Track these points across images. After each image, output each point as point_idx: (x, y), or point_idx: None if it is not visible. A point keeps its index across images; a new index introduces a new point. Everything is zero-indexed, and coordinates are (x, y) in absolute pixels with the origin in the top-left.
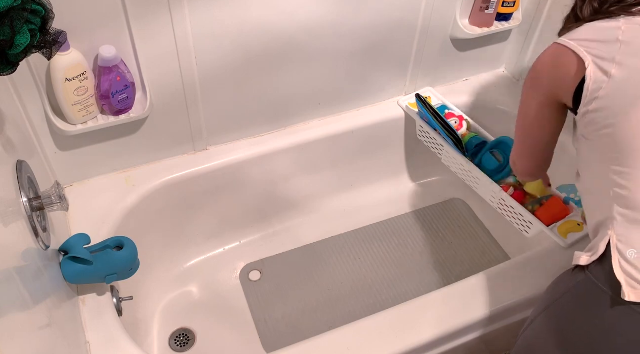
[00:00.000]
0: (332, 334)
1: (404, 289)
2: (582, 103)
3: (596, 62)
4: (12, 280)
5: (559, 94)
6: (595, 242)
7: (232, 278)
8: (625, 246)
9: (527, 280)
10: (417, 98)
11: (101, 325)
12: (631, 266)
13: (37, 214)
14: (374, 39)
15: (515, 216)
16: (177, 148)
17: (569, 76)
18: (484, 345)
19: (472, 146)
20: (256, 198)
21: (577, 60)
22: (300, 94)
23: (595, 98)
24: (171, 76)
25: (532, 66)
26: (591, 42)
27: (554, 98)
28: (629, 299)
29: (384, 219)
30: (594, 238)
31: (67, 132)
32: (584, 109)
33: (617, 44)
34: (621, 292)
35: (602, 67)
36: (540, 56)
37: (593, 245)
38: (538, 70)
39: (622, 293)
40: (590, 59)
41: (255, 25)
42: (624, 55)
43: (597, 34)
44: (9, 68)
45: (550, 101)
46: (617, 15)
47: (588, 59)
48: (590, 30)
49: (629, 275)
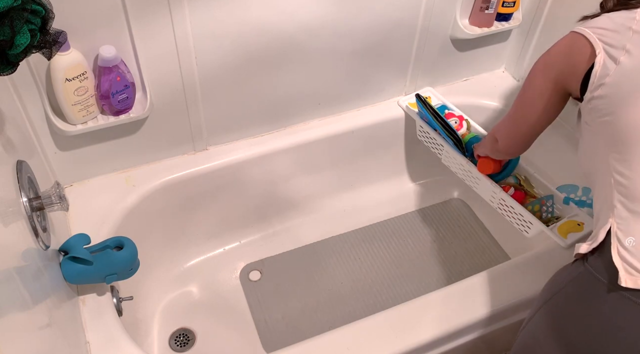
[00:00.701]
0: (332, 334)
1: (404, 289)
2: (589, 89)
3: (606, 50)
4: (12, 280)
5: (568, 80)
6: (597, 230)
7: (232, 278)
8: (624, 234)
9: (527, 280)
10: (417, 98)
11: (101, 325)
12: (629, 254)
13: (37, 214)
14: (373, 39)
15: (515, 216)
16: (177, 148)
17: (581, 62)
18: (484, 345)
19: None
20: (256, 198)
21: (590, 46)
22: (300, 94)
23: (602, 84)
24: (171, 76)
25: (545, 52)
26: (605, 31)
27: (561, 84)
28: (626, 285)
29: (384, 219)
30: (595, 225)
31: (67, 132)
32: (589, 95)
33: (629, 33)
34: (618, 278)
35: (612, 54)
36: (556, 44)
37: (594, 233)
38: (552, 55)
39: (618, 279)
40: (601, 46)
41: (255, 25)
42: (634, 44)
43: (612, 23)
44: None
45: (557, 86)
46: (637, 6)
47: (599, 46)
48: (606, 20)
49: (627, 262)
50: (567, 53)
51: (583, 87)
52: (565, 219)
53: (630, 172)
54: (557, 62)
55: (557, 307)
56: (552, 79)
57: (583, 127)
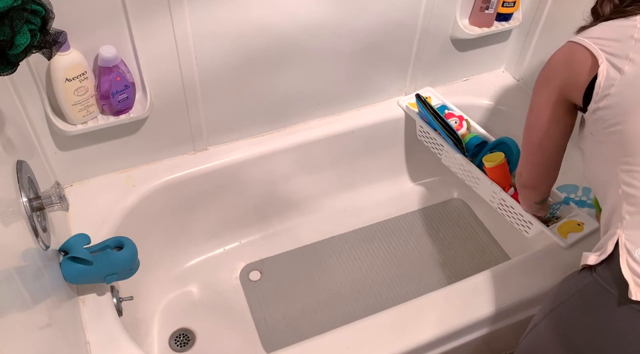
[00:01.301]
0: (332, 334)
1: (404, 289)
2: (593, 100)
3: (609, 60)
4: (12, 280)
5: (571, 91)
6: (604, 240)
7: (232, 278)
8: (633, 245)
9: (527, 280)
10: (417, 98)
11: (101, 325)
12: (638, 265)
13: (37, 214)
14: (374, 39)
15: (515, 216)
16: (177, 148)
17: (582, 73)
18: (484, 345)
19: (472, 146)
20: (256, 198)
21: (591, 57)
22: (300, 94)
23: (607, 95)
24: (171, 76)
25: (545, 64)
26: (605, 40)
27: (565, 96)
28: (637, 298)
29: (384, 219)
30: (603, 235)
31: (67, 132)
32: (594, 106)
33: (632, 41)
34: (628, 291)
35: (615, 64)
36: (554, 54)
37: (601, 244)
38: (552, 68)
39: (629, 292)
40: (603, 57)
41: (255, 25)
42: (637, 53)
43: (612, 33)
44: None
45: (561, 98)
46: (634, 14)
47: (602, 56)
48: (605, 29)
49: (637, 274)
50: (567, 63)
51: (586, 97)
52: (566, 219)
53: (638, 182)
54: (557, 74)
55: (564, 316)
56: (554, 91)
57: (587, 138)
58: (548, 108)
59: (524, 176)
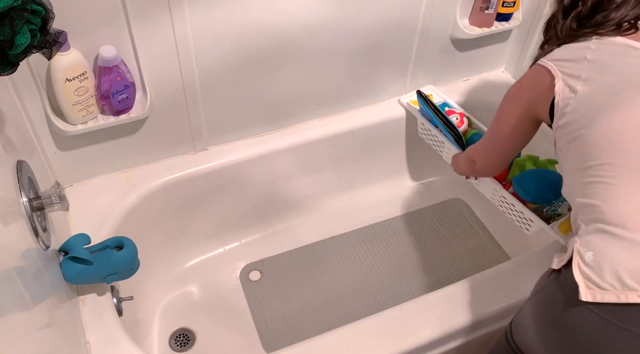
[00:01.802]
0: (332, 334)
1: (404, 289)
2: (555, 118)
3: (565, 80)
4: (12, 280)
5: (536, 109)
6: (568, 246)
7: (232, 278)
8: (585, 249)
9: (526, 280)
10: (418, 94)
11: (101, 325)
12: (588, 268)
13: (37, 214)
14: (374, 39)
15: (515, 213)
16: (177, 148)
17: (544, 93)
18: (484, 346)
19: (473, 142)
20: (256, 198)
21: (550, 78)
22: (300, 94)
23: (564, 113)
24: (171, 76)
25: (517, 81)
26: (564, 62)
27: (531, 113)
28: (586, 299)
29: (384, 219)
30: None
31: (67, 132)
32: (555, 124)
33: (585, 62)
34: (579, 293)
35: (570, 84)
36: (525, 74)
37: (566, 249)
38: (520, 87)
39: (579, 294)
40: (560, 77)
41: (255, 25)
42: (590, 72)
43: (570, 54)
44: (9, 68)
45: (527, 115)
46: (590, 36)
47: (559, 76)
48: (564, 51)
49: (586, 277)
50: (532, 85)
51: (551, 116)
52: (566, 216)
53: (592, 193)
54: (525, 94)
55: (534, 307)
56: (522, 109)
57: (557, 153)
58: (515, 123)
59: (479, 165)
